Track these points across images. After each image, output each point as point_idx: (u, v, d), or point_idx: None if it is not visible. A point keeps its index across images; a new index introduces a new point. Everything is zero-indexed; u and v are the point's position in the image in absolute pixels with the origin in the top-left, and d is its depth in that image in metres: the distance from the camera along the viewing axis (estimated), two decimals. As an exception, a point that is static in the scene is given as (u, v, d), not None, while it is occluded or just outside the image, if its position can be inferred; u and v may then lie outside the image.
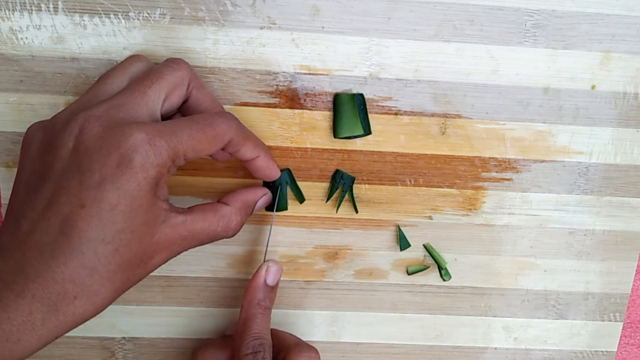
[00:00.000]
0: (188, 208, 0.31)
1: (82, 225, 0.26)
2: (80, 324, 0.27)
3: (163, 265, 0.37)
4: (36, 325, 0.25)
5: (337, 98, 0.35)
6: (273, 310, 0.39)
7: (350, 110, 0.35)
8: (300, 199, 0.37)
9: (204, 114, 0.31)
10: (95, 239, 0.26)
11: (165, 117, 0.31)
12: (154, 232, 0.28)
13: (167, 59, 0.31)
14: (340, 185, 0.37)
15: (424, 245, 0.39)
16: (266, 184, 0.37)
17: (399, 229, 0.38)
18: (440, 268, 0.39)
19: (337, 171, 0.37)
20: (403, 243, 0.38)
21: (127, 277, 0.28)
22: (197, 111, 0.32)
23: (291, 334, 0.38)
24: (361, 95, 0.35)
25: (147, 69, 0.30)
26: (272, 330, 0.36)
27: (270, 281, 0.35)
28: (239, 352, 0.32)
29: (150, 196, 0.27)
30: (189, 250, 0.37)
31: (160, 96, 0.29)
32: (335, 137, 0.36)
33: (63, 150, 0.27)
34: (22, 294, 0.25)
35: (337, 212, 0.38)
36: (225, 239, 0.37)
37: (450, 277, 0.39)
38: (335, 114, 0.36)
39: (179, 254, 0.30)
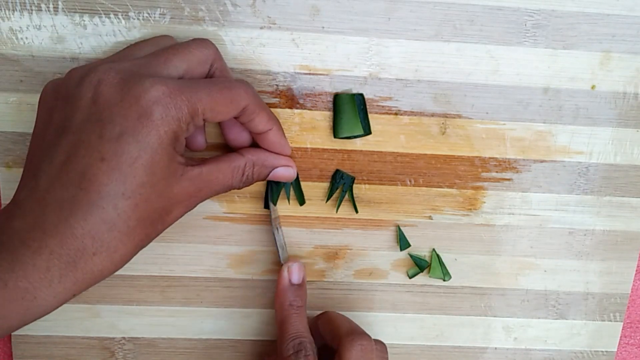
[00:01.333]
0: (202, 159, 0.30)
1: (102, 179, 0.25)
2: (99, 281, 0.26)
3: (163, 265, 0.37)
4: (53, 283, 0.25)
5: (337, 98, 0.35)
6: (271, 311, 0.39)
7: (350, 110, 0.35)
8: (301, 200, 0.37)
9: (222, 78, 0.31)
10: (115, 194, 0.25)
11: None
12: (173, 186, 0.27)
13: (194, 38, 0.32)
14: (340, 185, 0.37)
15: (433, 250, 0.39)
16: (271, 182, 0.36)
17: (399, 229, 0.38)
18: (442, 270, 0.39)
19: (337, 171, 0.37)
20: (403, 243, 0.38)
21: (146, 233, 0.27)
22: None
23: (346, 318, 0.36)
24: (361, 95, 0.35)
25: (173, 43, 0.31)
26: (325, 315, 0.36)
27: (295, 280, 0.35)
28: (282, 356, 0.32)
29: (169, 150, 0.27)
30: (189, 250, 0.38)
31: (181, 66, 0.29)
32: (335, 137, 0.36)
33: (82, 101, 0.26)
34: (39, 250, 0.24)
35: (337, 212, 0.38)
36: (226, 242, 0.37)
37: (450, 277, 0.39)
38: (335, 114, 0.36)
39: (195, 206, 0.30)
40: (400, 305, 0.40)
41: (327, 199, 0.37)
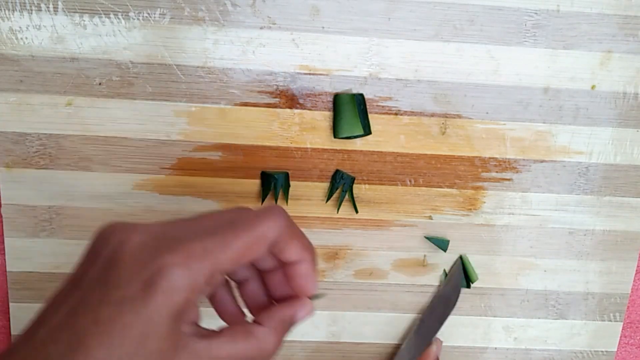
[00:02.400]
0: (215, 331, 0.27)
1: (91, 342, 0.24)
2: None
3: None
4: None
5: (337, 98, 0.35)
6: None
7: (350, 110, 0.35)
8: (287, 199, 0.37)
9: (246, 215, 0.27)
10: (101, 358, 0.24)
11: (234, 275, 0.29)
12: (171, 358, 0.25)
13: (268, 209, 0.27)
14: (340, 185, 0.37)
15: (460, 256, 0.39)
16: (264, 179, 0.36)
17: (463, 259, 0.39)
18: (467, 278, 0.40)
19: (337, 171, 0.37)
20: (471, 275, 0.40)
21: None
22: (280, 255, 0.29)
23: None
24: (361, 95, 0.35)
25: (244, 219, 0.27)
26: None
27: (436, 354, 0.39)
28: None
29: (169, 322, 0.25)
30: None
31: (233, 259, 0.26)
32: (335, 137, 0.36)
33: (99, 259, 0.26)
34: None
35: (337, 212, 0.38)
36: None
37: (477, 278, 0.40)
38: (335, 114, 0.36)
39: None
40: (400, 305, 0.40)
41: (327, 199, 0.37)
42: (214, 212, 0.28)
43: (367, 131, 0.36)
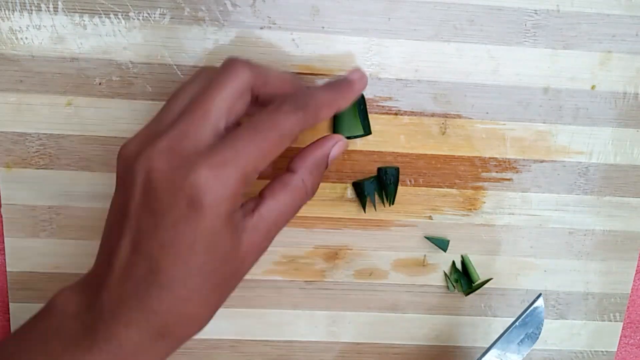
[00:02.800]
0: (256, 198, 0.29)
1: (165, 265, 0.26)
2: (186, 341, 0.28)
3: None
4: (148, 350, 0.27)
5: None
6: (271, 311, 0.39)
7: (350, 110, 0.35)
8: (367, 130, 0.36)
9: (262, 115, 0.28)
10: (181, 275, 0.26)
11: (236, 122, 0.29)
12: (238, 247, 0.27)
13: (226, 61, 0.29)
14: (390, 179, 0.37)
15: (462, 256, 0.39)
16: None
17: (465, 258, 0.39)
18: (457, 279, 0.39)
19: (379, 169, 0.37)
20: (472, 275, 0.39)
21: (222, 292, 0.28)
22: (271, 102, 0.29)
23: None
24: (361, 95, 0.35)
25: (207, 83, 0.28)
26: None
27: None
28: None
29: (226, 224, 0.27)
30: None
31: (222, 111, 0.27)
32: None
33: (134, 189, 0.27)
34: (129, 324, 0.26)
35: (391, 204, 0.38)
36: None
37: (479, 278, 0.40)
38: (334, 114, 0.36)
39: (268, 247, 0.30)
40: (400, 305, 0.40)
41: (391, 201, 0.37)
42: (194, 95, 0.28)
43: (367, 131, 0.36)
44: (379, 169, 0.37)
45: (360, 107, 0.36)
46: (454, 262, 0.39)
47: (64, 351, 0.26)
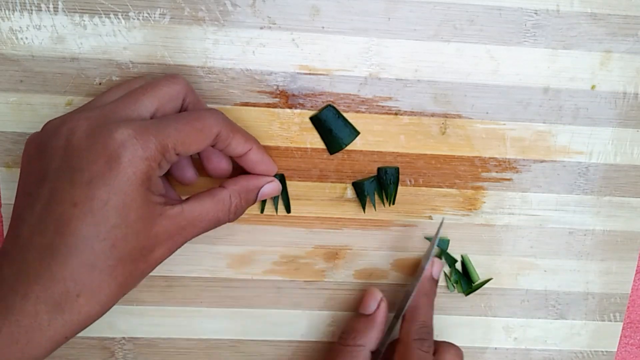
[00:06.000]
0: (186, 198, 0.31)
1: (76, 224, 0.26)
2: (89, 323, 0.27)
3: (162, 265, 0.37)
4: (43, 326, 0.26)
5: (314, 120, 0.36)
6: (271, 311, 0.39)
7: (331, 124, 0.36)
8: (288, 209, 0.37)
9: (192, 111, 0.31)
10: (90, 236, 0.26)
11: None
12: (151, 225, 0.28)
13: (165, 75, 0.32)
14: (390, 179, 0.37)
15: (462, 256, 0.39)
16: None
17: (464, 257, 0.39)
18: (458, 280, 0.39)
19: (379, 169, 0.37)
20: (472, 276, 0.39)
21: (129, 271, 0.28)
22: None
23: None
24: (330, 106, 0.35)
25: (144, 83, 0.31)
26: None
27: (436, 274, 0.37)
28: (408, 336, 0.35)
29: (142, 190, 0.27)
30: (189, 250, 0.37)
31: (152, 104, 0.29)
32: (331, 154, 0.36)
33: (55, 151, 0.27)
34: (27, 296, 0.25)
35: (391, 204, 0.38)
36: (226, 242, 0.37)
37: (462, 291, 0.40)
38: (320, 134, 0.36)
39: (182, 244, 0.30)
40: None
41: (392, 202, 0.37)
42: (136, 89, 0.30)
43: (356, 133, 0.36)
44: (379, 169, 0.37)
45: (336, 116, 0.36)
46: (442, 253, 0.39)
47: None
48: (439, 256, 0.39)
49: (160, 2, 0.34)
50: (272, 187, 0.35)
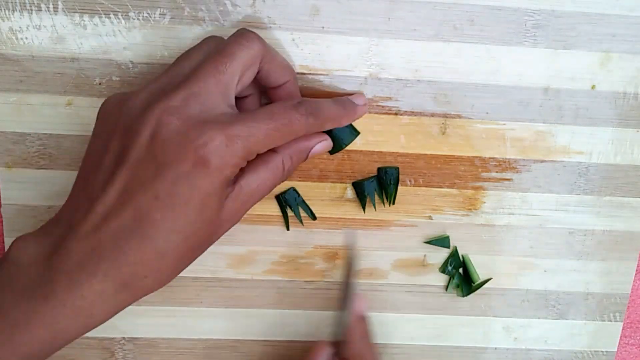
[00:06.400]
0: (240, 170, 0.30)
1: (155, 216, 0.27)
2: (147, 295, 0.29)
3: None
4: (107, 301, 0.27)
5: None
6: (271, 311, 0.39)
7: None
8: (312, 216, 0.38)
9: (280, 107, 0.30)
10: (167, 229, 0.27)
11: (238, 95, 0.31)
12: (220, 212, 0.29)
13: (238, 32, 0.31)
14: (390, 180, 0.37)
15: (462, 255, 0.39)
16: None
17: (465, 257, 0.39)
18: (460, 282, 0.39)
19: (379, 169, 0.37)
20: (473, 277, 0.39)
21: (194, 254, 0.30)
22: (266, 81, 0.32)
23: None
24: None
25: (220, 47, 0.30)
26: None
27: (362, 311, 0.36)
28: None
29: (221, 191, 0.28)
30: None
31: (234, 79, 0.29)
32: (331, 154, 0.36)
33: (140, 138, 0.27)
34: (95, 274, 0.26)
35: (391, 204, 0.38)
36: (226, 242, 0.37)
37: (461, 294, 0.40)
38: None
39: (242, 217, 0.31)
40: (400, 305, 0.40)
41: (392, 202, 0.37)
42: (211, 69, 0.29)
43: (356, 133, 0.36)
44: (379, 169, 0.37)
45: None
46: (453, 255, 0.39)
47: (17, 302, 0.26)
48: (450, 257, 0.39)
49: (160, 2, 0.34)
50: (323, 145, 0.34)
